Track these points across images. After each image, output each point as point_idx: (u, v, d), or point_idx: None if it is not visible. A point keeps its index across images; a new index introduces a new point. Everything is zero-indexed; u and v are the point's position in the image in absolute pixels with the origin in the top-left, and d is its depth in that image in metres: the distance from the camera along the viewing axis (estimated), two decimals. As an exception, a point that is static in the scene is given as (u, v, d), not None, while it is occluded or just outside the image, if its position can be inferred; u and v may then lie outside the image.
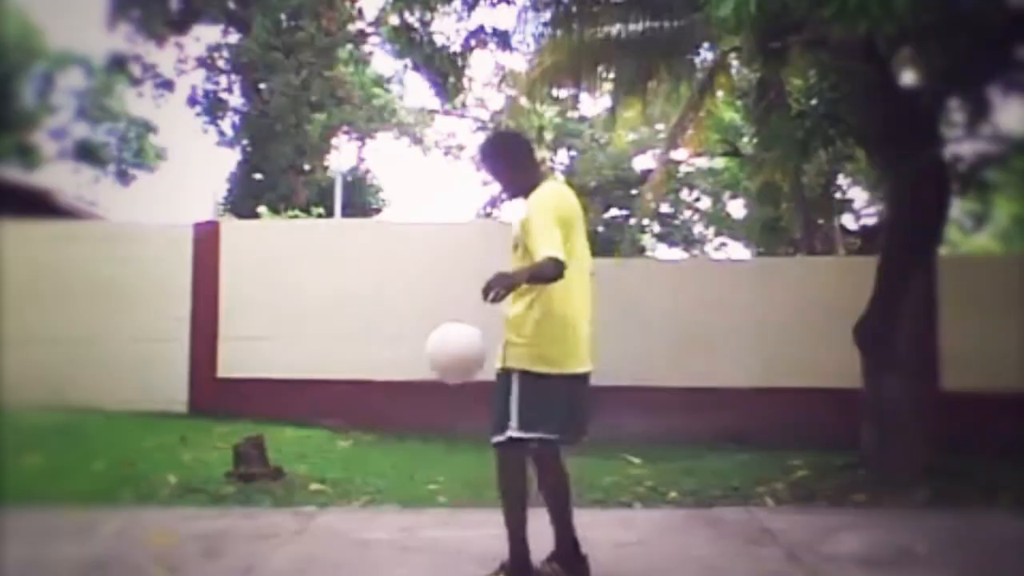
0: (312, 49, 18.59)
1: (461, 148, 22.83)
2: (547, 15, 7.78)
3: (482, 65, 33.52)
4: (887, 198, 7.37)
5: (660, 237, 23.89)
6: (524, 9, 8.11)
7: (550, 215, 3.12)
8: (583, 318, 3.26)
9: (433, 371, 3.26)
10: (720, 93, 9.03)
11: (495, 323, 3.29)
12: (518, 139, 3.42)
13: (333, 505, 4.90)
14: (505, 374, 3.21)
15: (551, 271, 3.01)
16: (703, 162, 18.28)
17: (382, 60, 21.04)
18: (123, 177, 25.24)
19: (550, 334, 3.16)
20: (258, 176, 19.28)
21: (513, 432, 3.14)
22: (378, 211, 20.91)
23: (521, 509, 3.22)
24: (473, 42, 9.01)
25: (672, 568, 3.74)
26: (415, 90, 32.73)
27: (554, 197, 3.24)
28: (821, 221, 14.62)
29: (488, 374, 3.27)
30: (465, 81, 10.31)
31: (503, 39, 8.94)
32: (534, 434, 3.14)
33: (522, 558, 3.23)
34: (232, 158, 20.59)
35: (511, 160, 3.38)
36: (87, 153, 24.21)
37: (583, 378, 3.26)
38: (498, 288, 2.92)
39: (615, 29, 7.61)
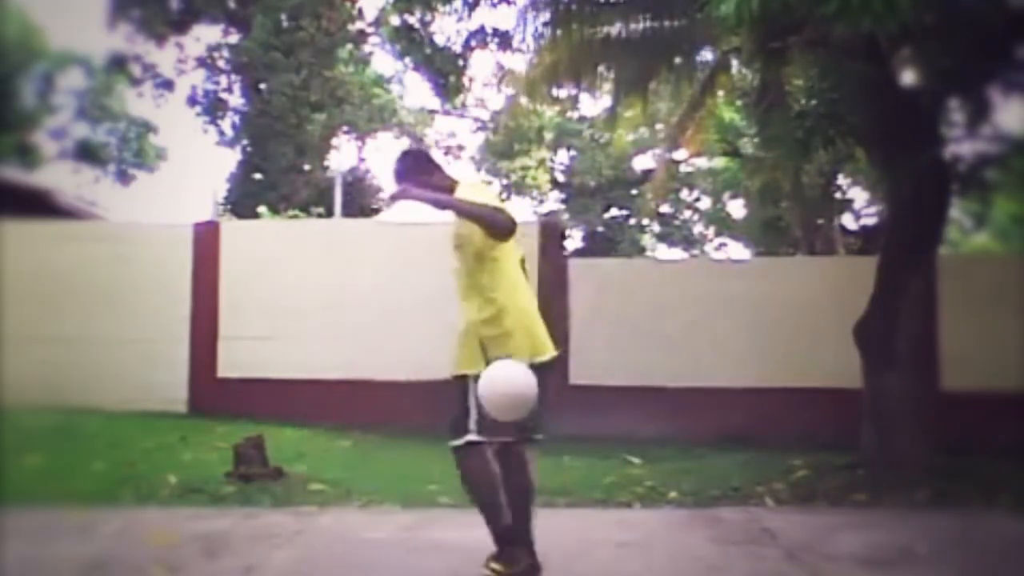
0: (312, 49, 18.58)
1: (461, 148, 22.84)
2: (547, 15, 7.77)
3: (482, 65, 33.51)
4: (887, 198, 7.37)
5: (660, 237, 23.90)
6: (524, 9, 8.10)
7: (484, 198, 3.25)
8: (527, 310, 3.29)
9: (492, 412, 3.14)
10: (720, 93, 9.02)
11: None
12: (422, 154, 3.65)
13: (333, 505, 4.90)
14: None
15: (504, 220, 3.15)
16: (703, 162, 18.28)
17: (382, 60, 21.06)
18: (123, 177, 25.26)
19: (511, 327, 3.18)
20: (258, 176, 19.25)
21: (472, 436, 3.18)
22: (378, 211, 20.90)
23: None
24: (473, 42, 9.02)
25: (672, 568, 3.74)
26: (415, 90, 32.74)
27: (479, 189, 3.41)
28: (821, 221, 14.63)
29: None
30: (465, 81, 10.33)
31: (503, 39, 8.94)
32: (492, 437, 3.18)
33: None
34: (232, 158, 20.57)
35: (419, 175, 3.45)
36: (87, 153, 24.20)
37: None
38: (402, 195, 3.23)
39: (615, 29, 7.60)
